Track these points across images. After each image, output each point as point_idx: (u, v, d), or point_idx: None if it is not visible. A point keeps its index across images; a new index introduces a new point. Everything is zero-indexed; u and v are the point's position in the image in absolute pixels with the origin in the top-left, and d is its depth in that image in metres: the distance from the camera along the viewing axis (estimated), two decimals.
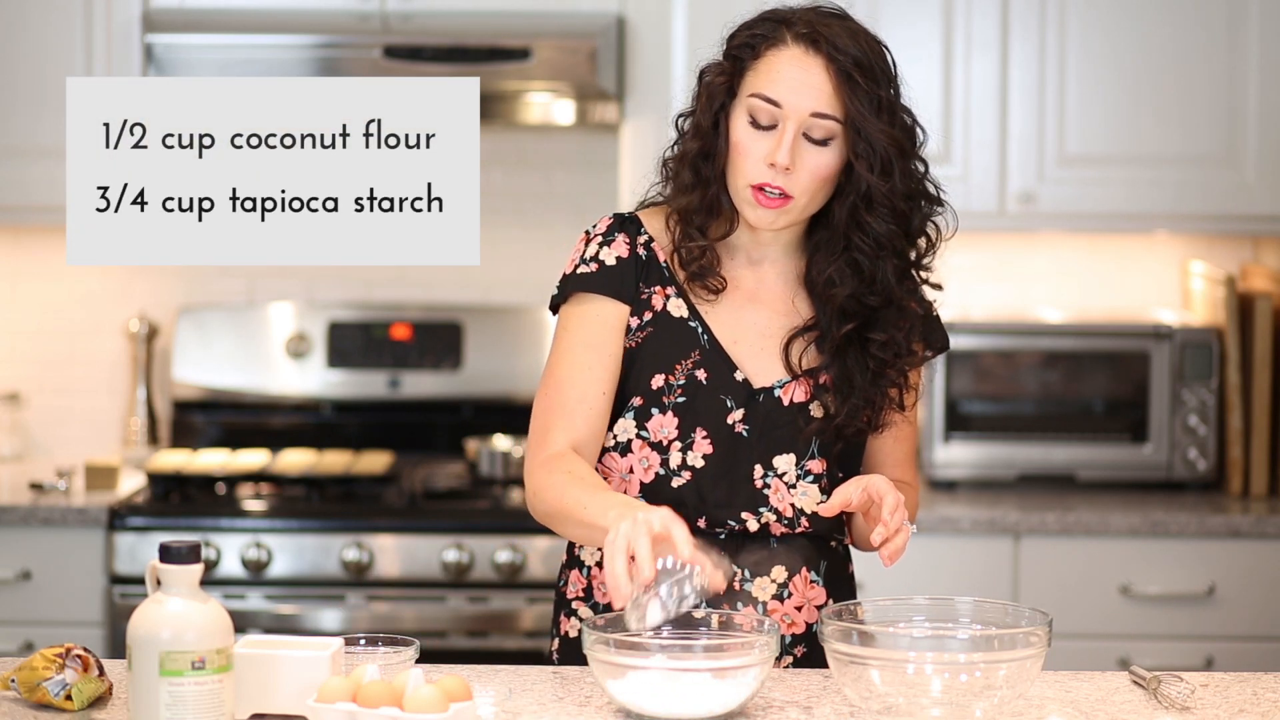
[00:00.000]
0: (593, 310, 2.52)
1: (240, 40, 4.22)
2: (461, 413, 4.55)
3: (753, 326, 2.53)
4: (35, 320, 4.61)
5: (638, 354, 2.52)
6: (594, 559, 2.55)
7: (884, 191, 2.44)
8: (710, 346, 2.51)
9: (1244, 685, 2.38)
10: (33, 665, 2.24)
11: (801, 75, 2.42)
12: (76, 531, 4.01)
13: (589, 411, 2.49)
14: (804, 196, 2.44)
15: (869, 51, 2.45)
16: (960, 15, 4.24)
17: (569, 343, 2.52)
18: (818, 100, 2.41)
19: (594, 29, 4.18)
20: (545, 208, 4.58)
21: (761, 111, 2.42)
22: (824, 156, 2.43)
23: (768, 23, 2.47)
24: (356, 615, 3.98)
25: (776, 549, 2.51)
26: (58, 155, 4.23)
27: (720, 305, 2.53)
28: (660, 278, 2.54)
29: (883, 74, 2.46)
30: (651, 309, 2.53)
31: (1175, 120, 4.25)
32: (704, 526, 2.50)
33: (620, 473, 2.52)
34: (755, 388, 2.51)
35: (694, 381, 2.50)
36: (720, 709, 2.18)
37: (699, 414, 2.49)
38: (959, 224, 2.61)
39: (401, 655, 2.30)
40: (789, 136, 2.41)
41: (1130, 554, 4.04)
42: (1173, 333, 4.29)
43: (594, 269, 2.53)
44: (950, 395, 4.30)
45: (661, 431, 2.50)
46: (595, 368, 2.50)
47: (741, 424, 2.50)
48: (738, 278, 2.54)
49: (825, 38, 2.43)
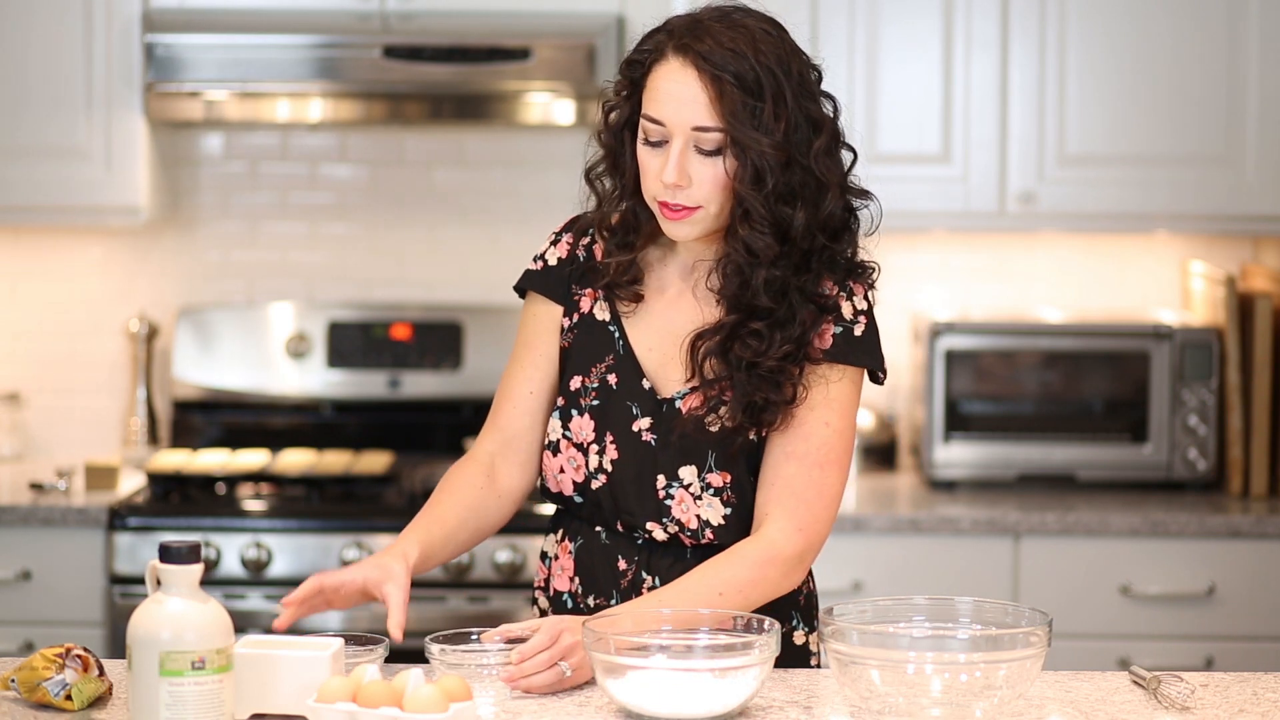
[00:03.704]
0: (531, 309, 2.60)
1: (240, 40, 4.23)
2: (461, 413, 4.55)
3: (669, 335, 2.51)
4: (35, 320, 4.61)
5: (568, 355, 2.55)
6: (554, 549, 2.60)
7: (758, 201, 2.37)
8: (624, 352, 2.51)
9: (1244, 685, 2.38)
10: (33, 665, 2.25)
11: (679, 90, 2.38)
12: (76, 531, 4.01)
13: (512, 410, 2.57)
14: (711, 204, 2.40)
15: (752, 55, 2.36)
16: (960, 14, 4.24)
17: (516, 342, 2.62)
18: (695, 114, 2.37)
19: (593, 29, 4.18)
20: (545, 208, 4.57)
21: (651, 130, 2.41)
22: (718, 166, 2.39)
23: (656, 35, 2.45)
24: (356, 615, 3.97)
25: (690, 559, 2.49)
26: (58, 155, 4.25)
27: (643, 312, 2.52)
28: (594, 280, 2.55)
29: (769, 75, 2.36)
30: (579, 311, 2.55)
31: (1175, 120, 4.25)
32: (622, 530, 2.52)
33: (553, 472, 2.54)
34: (660, 397, 2.49)
35: (606, 386, 2.51)
36: (720, 709, 2.18)
37: (609, 419, 2.50)
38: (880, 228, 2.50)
39: (372, 654, 2.31)
40: (675, 153, 2.38)
41: (1130, 554, 4.04)
42: (1173, 333, 4.29)
43: (539, 268, 2.60)
44: (950, 395, 4.30)
45: (581, 433, 2.52)
46: (527, 367, 2.58)
47: (649, 433, 2.49)
48: (667, 284, 2.53)
49: (695, 50, 2.37)
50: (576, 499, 2.53)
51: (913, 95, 4.26)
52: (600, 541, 2.53)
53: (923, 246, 4.61)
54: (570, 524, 2.57)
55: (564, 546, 2.57)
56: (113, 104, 4.23)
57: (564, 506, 2.57)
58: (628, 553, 2.51)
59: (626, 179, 2.49)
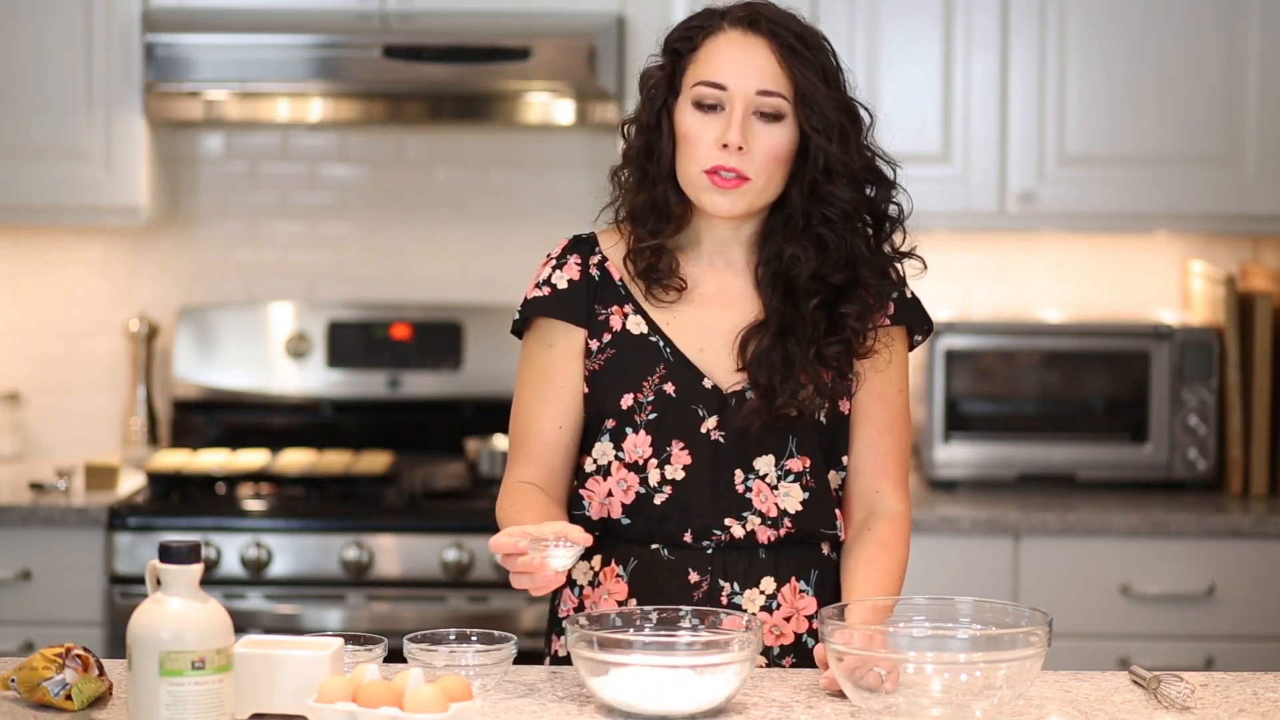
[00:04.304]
0: (547, 338, 2.53)
1: (240, 40, 4.23)
2: (461, 413, 4.55)
3: (717, 331, 2.51)
4: (35, 320, 4.61)
5: (602, 376, 2.51)
6: (586, 578, 2.55)
7: (843, 160, 2.42)
8: (674, 358, 2.49)
9: (1244, 685, 2.38)
10: (33, 665, 2.24)
11: (743, 55, 2.41)
12: (76, 531, 4.01)
13: (545, 447, 2.52)
14: (761, 176, 2.42)
15: (807, 31, 2.45)
16: (960, 14, 4.24)
17: (529, 373, 2.54)
18: (762, 78, 2.40)
19: (594, 29, 4.17)
20: (545, 208, 4.57)
21: (707, 95, 2.41)
22: (777, 134, 2.41)
23: (702, 15, 2.48)
24: (356, 615, 3.98)
25: (764, 559, 2.50)
26: (58, 155, 4.25)
27: (680, 315, 2.51)
28: (616, 296, 2.52)
29: (827, 48, 2.46)
30: (610, 329, 2.51)
31: (1175, 120, 4.25)
32: (690, 540, 2.49)
33: (599, 497, 2.51)
34: (725, 392, 2.49)
35: (663, 396, 2.48)
36: (705, 704, 2.18)
37: (673, 427, 2.48)
38: (909, 215, 2.55)
39: (372, 654, 2.31)
40: (738, 115, 2.40)
41: (1130, 554, 4.04)
42: (1173, 333, 4.29)
43: (547, 293, 2.53)
44: (950, 395, 4.30)
45: (636, 451, 2.49)
46: (551, 402, 2.52)
47: (717, 431, 2.48)
48: (699, 282, 2.52)
49: (764, 16, 2.43)
50: (624, 521, 2.50)
51: (913, 95, 4.26)
52: (662, 558, 2.49)
53: (922, 246, 4.59)
54: (616, 547, 2.52)
55: (610, 571, 2.51)
56: (113, 104, 4.23)
57: (603, 531, 2.52)
58: (698, 563, 2.49)
59: (664, 163, 2.47)
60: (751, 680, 2.32)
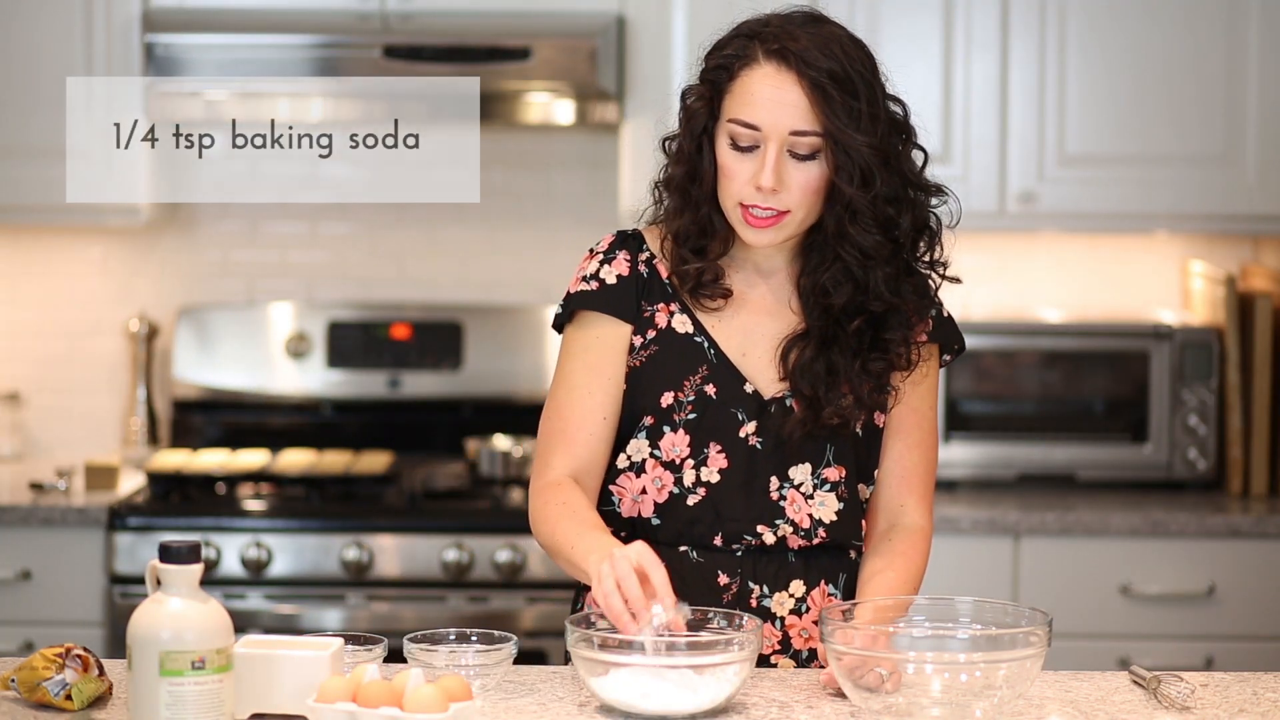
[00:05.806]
0: (594, 331, 2.52)
1: (240, 40, 4.23)
2: (461, 413, 4.55)
3: (761, 338, 2.51)
4: (35, 320, 4.61)
5: (643, 373, 2.50)
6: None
7: (866, 202, 2.41)
8: (718, 360, 2.50)
9: (1244, 685, 2.38)
10: (33, 665, 2.24)
11: (776, 94, 2.39)
12: (76, 531, 4.01)
13: (589, 438, 2.49)
14: (800, 210, 2.42)
15: (843, 58, 2.40)
16: (960, 15, 4.24)
17: (571, 366, 2.52)
18: (794, 118, 2.39)
19: (594, 29, 4.17)
20: (545, 208, 4.57)
21: (742, 135, 2.40)
22: (812, 170, 2.41)
23: (739, 39, 2.44)
24: (356, 615, 3.98)
25: (794, 563, 2.50)
26: (57, 155, 4.25)
27: (726, 318, 2.52)
28: (663, 294, 2.52)
29: (860, 79, 2.40)
30: (655, 326, 2.51)
31: (1175, 120, 4.25)
32: (720, 544, 2.49)
33: (633, 494, 2.50)
34: (766, 399, 2.49)
35: (704, 397, 2.48)
36: (705, 704, 2.18)
37: (711, 429, 2.48)
38: (960, 222, 2.59)
39: (372, 654, 2.31)
40: (771, 158, 2.39)
41: (1130, 554, 4.04)
42: (1173, 332, 4.29)
43: (595, 287, 2.52)
44: (950, 395, 4.30)
45: (673, 450, 2.48)
46: (597, 393, 2.50)
47: (755, 436, 2.48)
48: (745, 289, 2.53)
49: (795, 53, 2.38)
50: (654, 521, 2.49)
51: (912, 95, 4.22)
52: (691, 560, 2.49)
53: None
54: None
55: None
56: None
57: (630, 531, 2.52)
58: (728, 566, 2.48)
59: (705, 185, 2.47)
60: (751, 680, 2.32)
